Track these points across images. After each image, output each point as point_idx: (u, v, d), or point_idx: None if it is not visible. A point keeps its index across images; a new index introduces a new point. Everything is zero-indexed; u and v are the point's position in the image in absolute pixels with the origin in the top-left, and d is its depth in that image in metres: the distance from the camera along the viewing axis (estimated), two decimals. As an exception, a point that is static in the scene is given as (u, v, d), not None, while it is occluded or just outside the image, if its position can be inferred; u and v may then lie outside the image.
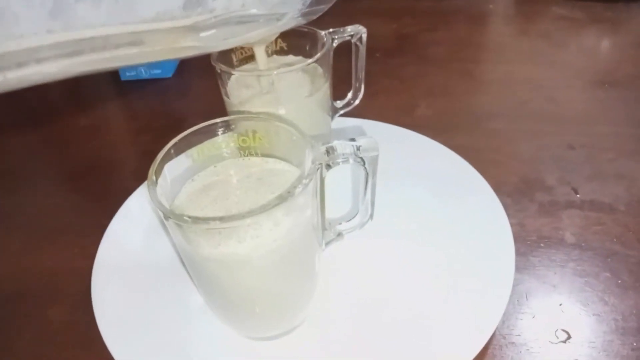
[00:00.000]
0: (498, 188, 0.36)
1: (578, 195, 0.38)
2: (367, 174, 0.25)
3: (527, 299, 0.31)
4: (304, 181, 0.22)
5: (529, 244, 0.34)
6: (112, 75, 0.59)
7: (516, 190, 0.39)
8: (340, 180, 0.36)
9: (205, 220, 0.21)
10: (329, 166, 0.24)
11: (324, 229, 0.27)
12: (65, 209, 0.42)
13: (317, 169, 0.23)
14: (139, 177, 0.41)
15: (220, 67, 0.31)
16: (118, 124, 0.55)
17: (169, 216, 0.21)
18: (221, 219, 0.21)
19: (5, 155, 0.50)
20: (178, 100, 0.56)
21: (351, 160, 0.24)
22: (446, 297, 0.29)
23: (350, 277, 0.31)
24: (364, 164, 0.24)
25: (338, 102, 0.38)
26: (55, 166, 0.48)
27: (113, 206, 0.38)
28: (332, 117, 0.38)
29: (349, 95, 0.38)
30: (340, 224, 0.28)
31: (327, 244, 0.28)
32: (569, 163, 0.41)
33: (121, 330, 0.29)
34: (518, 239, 0.33)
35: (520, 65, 0.57)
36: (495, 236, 0.32)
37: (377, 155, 0.24)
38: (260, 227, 0.22)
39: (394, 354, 0.26)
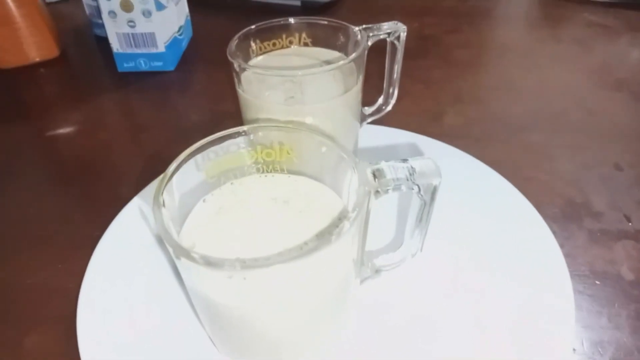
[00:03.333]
0: (541, 211, 0.32)
1: (631, 224, 0.34)
2: (423, 204, 0.20)
3: (584, 345, 0.26)
4: (352, 215, 0.17)
5: (582, 279, 0.30)
6: (108, 66, 0.54)
7: (562, 214, 0.34)
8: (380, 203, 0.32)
9: (221, 264, 0.16)
10: (377, 193, 0.19)
11: (361, 264, 0.22)
12: (49, 216, 0.37)
13: (367, 199, 0.18)
14: (136, 182, 0.37)
15: (239, 63, 0.26)
16: (114, 121, 0.49)
17: (180, 255, 0.17)
18: (243, 263, 0.16)
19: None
20: (181, 96, 0.51)
21: (404, 188, 0.19)
22: (498, 348, 0.24)
23: (380, 316, 0.26)
24: (420, 191, 0.20)
25: (366, 108, 0.34)
26: (40, 166, 0.43)
27: (106, 215, 0.33)
28: (360, 124, 0.33)
29: (380, 100, 0.34)
30: (377, 257, 0.24)
31: (362, 281, 0.23)
32: (618, 185, 0.37)
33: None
34: (570, 272, 0.28)
35: (553, 72, 0.52)
36: (548, 271, 0.28)
37: (439, 184, 0.19)
38: (295, 272, 0.17)
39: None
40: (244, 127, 0.22)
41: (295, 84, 0.27)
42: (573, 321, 0.25)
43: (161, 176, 0.19)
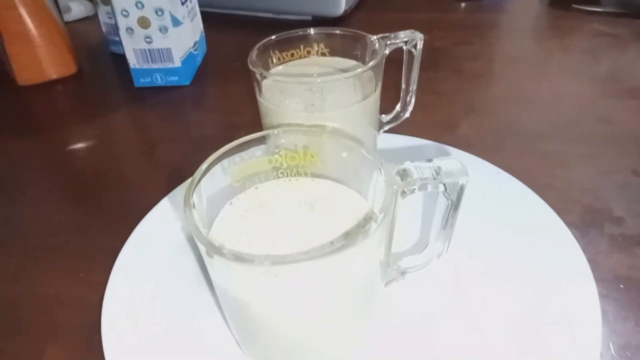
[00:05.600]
0: (561, 217, 0.32)
1: (652, 229, 0.33)
2: (450, 204, 0.20)
3: (611, 349, 0.26)
4: (379, 215, 0.17)
5: (606, 283, 0.30)
6: (125, 81, 0.55)
7: (581, 220, 0.34)
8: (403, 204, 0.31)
9: (251, 259, 0.16)
10: (404, 193, 0.19)
11: (386, 265, 0.22)
12: (67, 227, 0.38)
13: (394, 199, 0.18)
14: (153, 194, 0.37)
15: (260, 71, 0.27)
16: (131, 134, 0.50)
17: (212, 252, 0.17)
18: (273, 259, 0.16)
19: (1, 162, 0.45)
20: (196, 109, 0.52)
21: (430, 187, 0.19)
22: (525, 354, 0.24)
23: (403, 319, 0.26)
24: (446, 190, 0.20)
25: (383, 116, 0.34)
26: (58, 178, 0.44)
27: (124, 226, 0.33)
28: (378, 132, 0.33)
29: (397, 107, 0.34)
30: (402, 259, 0.24)
31: (387, 283, 0.23)
32: (636, 192, 0.37)
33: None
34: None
35: (564, 82, 0.53)
36: (572, 275, 0.27)
37: (466, 183, 0.19)
38: (323, 270, 0.17)
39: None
40: (269, 132, 0.22)
41: (315, 91, 0.27)
42: (600, 325, 0.25)
43: (190, 179, 0.20)
